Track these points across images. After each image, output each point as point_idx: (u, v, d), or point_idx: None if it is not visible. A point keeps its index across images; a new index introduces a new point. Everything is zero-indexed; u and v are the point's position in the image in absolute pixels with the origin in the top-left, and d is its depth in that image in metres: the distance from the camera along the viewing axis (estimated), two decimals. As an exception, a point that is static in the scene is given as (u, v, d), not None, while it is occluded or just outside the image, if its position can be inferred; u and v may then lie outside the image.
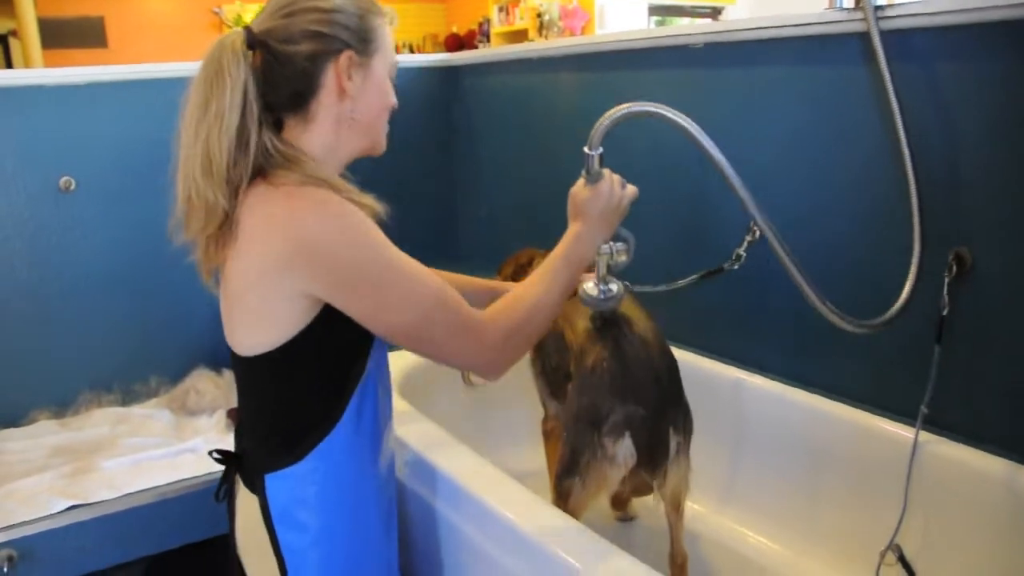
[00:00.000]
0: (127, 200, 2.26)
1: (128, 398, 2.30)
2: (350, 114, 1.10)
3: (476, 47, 6.75)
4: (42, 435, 2.13)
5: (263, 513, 1.12)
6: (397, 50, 1.22)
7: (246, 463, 1.17)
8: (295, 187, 1.03)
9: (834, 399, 1.65)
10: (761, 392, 1.77)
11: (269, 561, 1.15)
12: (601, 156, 1.22)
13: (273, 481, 1.10)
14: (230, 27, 5.90)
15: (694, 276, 1.60)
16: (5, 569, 1.68)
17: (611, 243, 1.26)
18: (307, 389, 1.09)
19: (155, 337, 2.35)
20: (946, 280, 1.42)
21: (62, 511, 1.77)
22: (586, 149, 1.21)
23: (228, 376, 2.29)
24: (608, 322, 1.41)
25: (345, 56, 1.07)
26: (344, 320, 1.05)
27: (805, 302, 1.58)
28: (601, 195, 1.20)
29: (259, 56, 1.06)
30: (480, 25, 6.83)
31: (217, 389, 2.23)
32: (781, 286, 1.66)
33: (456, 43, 7.08)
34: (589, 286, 1.32)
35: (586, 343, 1.41)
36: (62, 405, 2.25)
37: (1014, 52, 1.31)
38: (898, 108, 1.43)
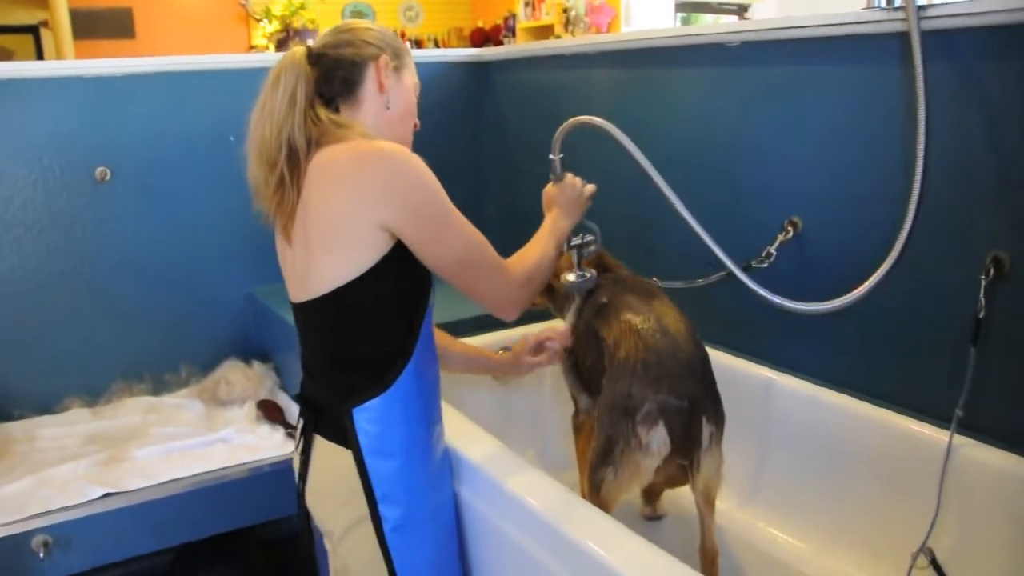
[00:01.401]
0: (161, 191, 2.29)
1: (159, 388, 2.34)
2: (387, 105, 1.35)
3: (501, 42, 6.74)
4: (75, 423, 2.17)
5: (353, 447, 1.25)
6: (422, 44, 1.61)
7: (329, 408, 1.29)
8: (372, 141, 1.23)
9: (867, 400, 1.65)
10: (792, 392, 1.76)
11: (350, 504, 1.28)
12: (562, 159, 1.55)
13: (361, 414, 1.25)
14: (257, 19, 5.96)
15: (722, 273, 1.60)
16: (41, 555, 1.71)
17: (582, 235, 1.57)
18: (386, 320, 1.26)
19: (186, 328, 2.38)
20: (983, 282, 1.41)
21: (96, 499, 1.80)
22: (550, 156, 1.54)
23: (258, 368, 2.31)
24: (640, 316, 1.43)
25: (383, 59, 1.34)
26: (410, 259, 1.24)
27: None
28: (566, 188, 1.53)
29: (317, 65, 1.30)
30: (506, 20, 6.81)
31: (247, 380, 2.25)
32: (815, 285, 1.66)
33: (481, 37, 7.07)
34: (571, 276, 1.59)
35: (620, 337, 1.42)
36: (94, 394, 2.28)
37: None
38: (924, 109, 1.42)
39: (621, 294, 1.53)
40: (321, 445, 1.31)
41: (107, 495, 1.81)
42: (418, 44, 7.22)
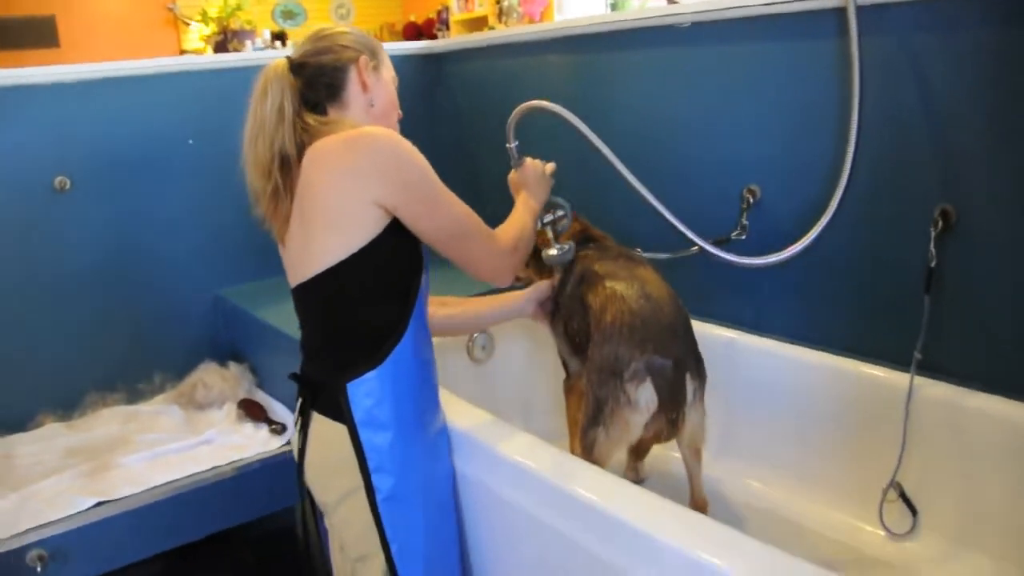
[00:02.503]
0: (122, 197, 2.27)
1: (134, 397, 2.32)
2: (371, 103, 1.42)
3: (435, 36, 6.73)
4: (51, 438, 2.14)
5: (347, 420, 1.31)
6: None
7: (326, 384, 1.34)
8: (361, 127, 1.31)
9: (828, 351, 1.76)
10: (757, 349, 1.87)
11: (344, 476, 1.33)
12: (517, 147, 1.65)
13: (355, 388, 1.31)
14: (186, 22, 5.84)
15: (704, 244, 1.69)
16: (39, 569, 1.70)
17: (553, 212, 1.69)
18: (381, 295, 1.32)
19: (157, 334, 2.37)
20: (932, 234, 1.53)
21: (88, 508, 1.79)
22: (507, 145, 1.64)
23: (234, 369, 2.31)
24: (624, 283, 1.53)
25: (363, 59, 1.40)
26: (403, 237, 1.32)
27: (798, 265, 1.69)
28: (527, 171, 1.64)
29: (299, 74, 1.36)
30: (439, 13, 6.80)
31: (224, 382, 2.25)
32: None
33: (414, 32, 7.05)
34: (551, 251, 1.68)
35: (606, 302, 1.51)
36: (68, 407, 2.25)
37: (987, 23, 1.42)
38: (859, 78, 1.55)
39: (606, 263, 1.61)
40: (318, 421, 1.36)
41: (99, 504, 1.80)
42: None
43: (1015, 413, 1.46)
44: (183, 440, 2.05)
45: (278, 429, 2.07)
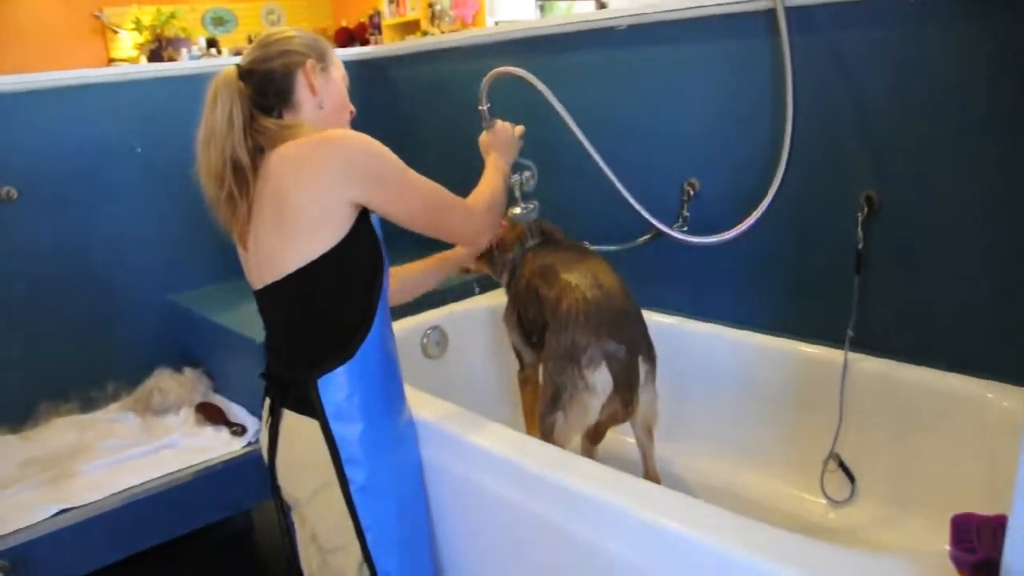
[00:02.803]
0: (70, 206, 2.26)
1: (87, 406, 2.31)
2: (320, 104, 1.45)
3: (368, 40, 6.74)
4: (5, 450, 2.12)
5: (318, 415, 1.35)
6: None
7: (295, 381, 1.37)
8: (327, 131, 1.34)
9: (768, 333, 1.87)
10: (699, 334, 1.97)
11: (316, 470, 1.37)
12: (489, 108, 1.71)
13: (326, 383, 1.35)
14: (114, 31, 5.72)
15: (647, 236, 1.78)
16: (3, 578, 1.70)
17: (520, 173, 1.76)
18: (350, 291, 1.36)
19: (108, 342, 2.36)
20: (859, 218, 1.66)
21: (52, 516, 1.79)
22: (479, 107, 1.71)
23: (190, 374, 2.32)
24: (577, 273, 1.61)
25: (309, 63, 1.42)
26: (367, 232, 1.37)
27: (735, 254, 1.80)
28: (498, 132, 1.70)
29: (248, 81, 1.39)
30: (371, 18, 6.81)
31: (180, 387, 2.26)
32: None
33: (347, 37, 7.04)
34: (516, 210, 1.75)
35: (561, 292, 1.58)
36: (20, 419, 2.23)
37: (902, 22, 1.54)
38: (791, 74, 1.66)
39: (559, 255, 1.69)
40: (289, 418, 1.39)
41: (62, 511, 1.80)
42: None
43: (941, 382, 1.59)
44: (144, 445, 2.06)
45: (239, 431, 2.09)
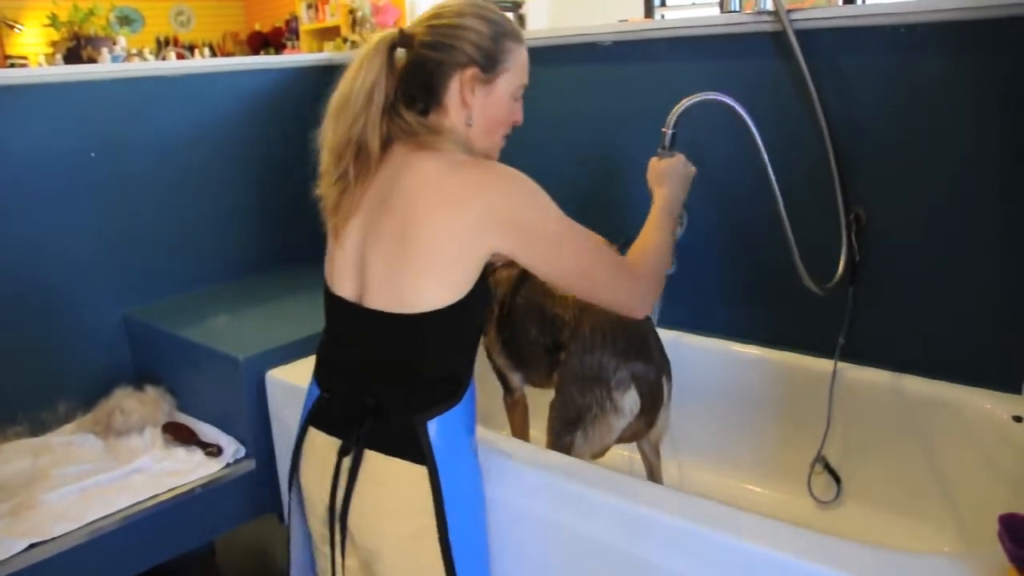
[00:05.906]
0: (14, 218, 2.08)
1: (37, 428, 2.14)
2: (469, 120, 1.26)
3: (284, 45, 6.53)
4: (-50, 479, 1.95)
5: (428, 459, 1.19)
6: (195, 50, 1.47)
7: (393, 418, 1.22)
8: (478, 160, 1.21)
9: (762, 346, 1.93)
10: (697, 347, 2.02)
11: (411, 516, 1.21)
12: (675, 135, 1.55)
13: (436, 425, 1.21)
14: (10, 26, 5.24)
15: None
16: (-29, 621, 1.57)
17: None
18: (468, 339, 1.27)
19: (58, 360, 2.20)
20: (850, 234, 1.74)
21: (21, 551, 1.66)
22: (664, 129, 1.55)
23: (152, 392, 2.19)
24: None
25: (471, 72, 1.22)
26: (485, 281, 1.23)
27: (731, 267, 1.85)
28: (679, 163, 1.53)
29: (406, 53, 1.23)
30: (288, 22, 6.60)
31: (144, 406, 2.13)
32: (709, 255, 1.91)
33: (260, 42, 6.77)
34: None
35: (580, 312, 1.58)
36: (-38, 445, 2.06)
37: (887, 51, 1.63)
38: (817, 97, 1.69)
39: None
40: (375, 460, 1.23)
41: (32, 546, 1.68)
42: (191, 50, 6.80)
43: (924, 389, 1.69)
44: (111, 470, 1.93)
45: (214, 451, 1.99)
